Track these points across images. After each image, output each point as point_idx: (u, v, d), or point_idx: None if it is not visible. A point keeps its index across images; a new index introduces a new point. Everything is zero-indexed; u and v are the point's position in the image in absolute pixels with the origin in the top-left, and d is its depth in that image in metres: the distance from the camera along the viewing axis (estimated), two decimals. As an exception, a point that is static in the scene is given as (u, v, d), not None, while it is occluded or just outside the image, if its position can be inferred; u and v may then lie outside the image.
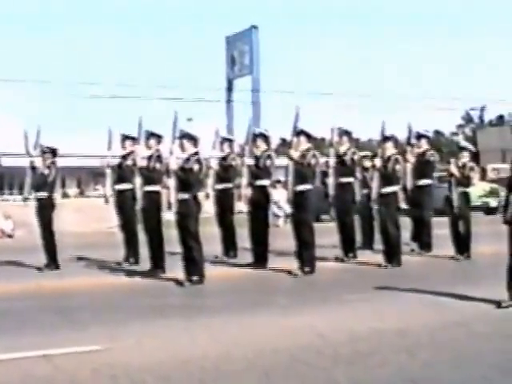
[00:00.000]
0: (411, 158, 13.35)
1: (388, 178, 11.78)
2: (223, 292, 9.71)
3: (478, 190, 25.64)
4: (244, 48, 37.29)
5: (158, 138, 11.51)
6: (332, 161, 12.66)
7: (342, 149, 12.69)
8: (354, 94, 73.61)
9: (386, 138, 12.09)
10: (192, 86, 47.74)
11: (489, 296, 8.09)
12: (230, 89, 38.52)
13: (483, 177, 29.08)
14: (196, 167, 10.03)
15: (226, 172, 13.15)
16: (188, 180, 10.00)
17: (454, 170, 12.59)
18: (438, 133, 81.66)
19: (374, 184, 12.04)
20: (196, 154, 10.23)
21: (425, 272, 11.46)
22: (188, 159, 10.12)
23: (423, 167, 13.44)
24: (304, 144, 11.22)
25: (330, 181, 12.64)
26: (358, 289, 9.47)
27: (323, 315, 7.78)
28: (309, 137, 11.30)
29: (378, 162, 11.95)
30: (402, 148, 13.31)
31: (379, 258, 11.84)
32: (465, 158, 12.78)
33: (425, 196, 13.46)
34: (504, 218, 7.79)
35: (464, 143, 13.99)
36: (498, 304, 7.80)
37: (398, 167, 11.85)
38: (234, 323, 7.43)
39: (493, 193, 26.43)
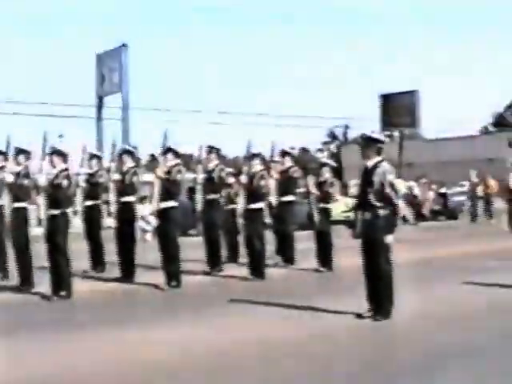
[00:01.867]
0: (275, 175, 13.76)
1: (254, 194, 12.10)
2: (91, 307, 9.79)
3: (340, 205, 26.64)
4: (114, 66, 37.20)
5: (27, 154, 11.47)
6: (200, 177, 12.90)
7: (211, 166, 12.96)
8: (224, 111, 74.06)
9: (253, 155, 12.43)
10: (63, 103, 46.69)
11: (350, 307, 8.44)
12: (100, 106, 38.29)
13: (346, 192, 30.14)
14: (65, 183, 10.15)
15: (93, 189, 13.30)
16: (57, 196, 10.10)
17: (311, 187, 13.14)
18: (304, 150, 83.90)
19: (240, 200, 12.37)
20: (65, 170, 10.34)
21: (288, 285, 11.79)
22: (57, 175, 10.21)
23: (287, 184, 13.85)
24: (171, 161, 11.47)
25: (198, 197, 12.91)
26: (223, 302, 9.66)
27: (188, 329, 7.93)
28: (176, 154, 11.57)
29: (243, 178, 12.27)
30: (267, 165, 13.67)
31: (244, 272, 12.15)
32: (325, 174, 13.33)
33: (288, 211, 13.87)
34: (353, 233, 8.29)
35: (325, 160, 14.54)
36: (359, 315, 8.17)
37: (263, 183, 12.20)
38: (102, 338, 7.48)
39: (355, 208, 27.29)
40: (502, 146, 45.37)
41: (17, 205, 11.23)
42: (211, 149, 13.04)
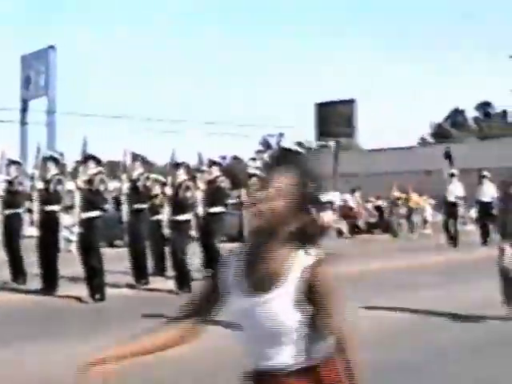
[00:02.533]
0: (201, 185, 13.05)
1: (179, 205, 11.53)
2: (12, 319, 9.32)
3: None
4: (40, 68, 35.77)
5: None
6: (125, 186, 12.46)
7: (135, 174, 12.38)
8: (154, 118, 72.79)
9: (177, 165, 11.86)
10: None
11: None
12: (24, 110, 36.76)
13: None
14: None
15: (13, 197, 12.54)
16: None
17: (244, 198, 12.54)
18: (236, 158, 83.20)
19: (166, 211, 11.94)
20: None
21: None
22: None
23: (215, 194, 13.07)
24: (92, 169, 10.94)
25: (124, 207, 12.51)
26: (147, 316, 9.06)
27: (110, 343, 7.10)
28: (98, 161, 11.09)
29: (168, 189, 11.72)
30: (192, 174, 13.21)
31: (171, 285, 11.65)
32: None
33: (216, 223, 13.03)
34: None
35: (253, 170, 14.04)
36: None
37: (188, 194, 11.53)
38: (20, 352, 7.24)
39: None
40: (440, 157, 45.14)
41: None
42: (136, 156, 12.58)
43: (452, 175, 20.78)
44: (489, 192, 19.89)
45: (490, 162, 36.46)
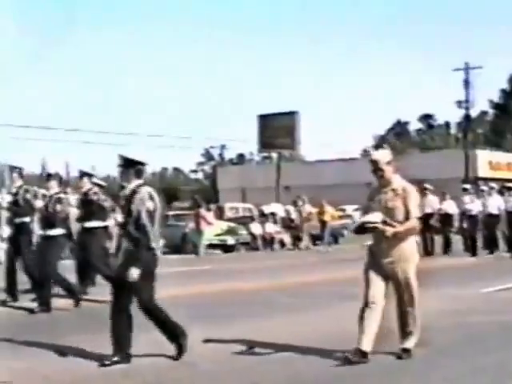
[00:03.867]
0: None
1: (50, 218, 10.74)
2: None
3: (215, 228, 25.59)
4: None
5: None
6: (6, 200, 12.11)
7: (15, 187, 11.58)
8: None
9: (49, 176, 11.25)
10: None
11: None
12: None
13: (221, 215, 29.13)
14: None
15: None
16: None
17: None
18: (176, 170, 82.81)
19: (35, 225, 11.23)
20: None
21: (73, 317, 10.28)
22: None
23: (88, 207, 12.03)
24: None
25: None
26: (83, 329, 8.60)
27: (44, 358, 7.18)
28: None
29: (38, 202, 11.05)
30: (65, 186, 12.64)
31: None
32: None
33: (92, 239, 11.94)
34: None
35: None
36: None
37: (59, 207, 10.75)
38: None
39: (231, 231, 26.45)
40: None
41: None
42: (12, 168, 11.71)
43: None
44: (432, 204, 20.07)
45: (432, 173, 36.81)
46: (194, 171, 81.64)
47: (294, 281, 13.83)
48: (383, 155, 6.77)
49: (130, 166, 7.13)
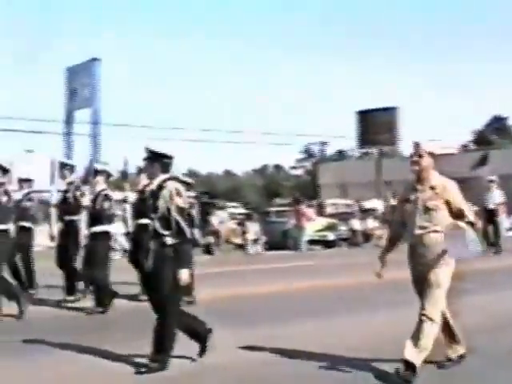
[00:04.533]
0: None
1: (96, 215, 10.34)
2: None
3: (316, 224, 25.96)
4: (85, 80, 36.25)
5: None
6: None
7: (65, 185, 11.41)
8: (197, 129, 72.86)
9: (96, 172, 10.66)
10: (29, 118, 44.70)
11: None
12: (69, 121, 37.25)
13: (322, 212, 29.45)
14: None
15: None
16: None
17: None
18: (277, 167, 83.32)
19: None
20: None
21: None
22: None
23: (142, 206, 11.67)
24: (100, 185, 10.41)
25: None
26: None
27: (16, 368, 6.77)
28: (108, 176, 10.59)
29: (86, 200, 10.81)
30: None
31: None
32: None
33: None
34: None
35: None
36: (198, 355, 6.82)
37: (106, 204, 10.37)
38: None
39: (331, 227, 26.75)
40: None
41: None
42: (66, 165, 11.61)
43: (491, 181, 20.52)
44: (496, 199, 20.09)
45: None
46: (294, 168, 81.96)
47: (396, 276, 13.67)
48: (428, 143, 6.13)
49: (156, 159, 6.60)
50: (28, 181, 12.15)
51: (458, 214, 6.00)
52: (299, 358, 6.80)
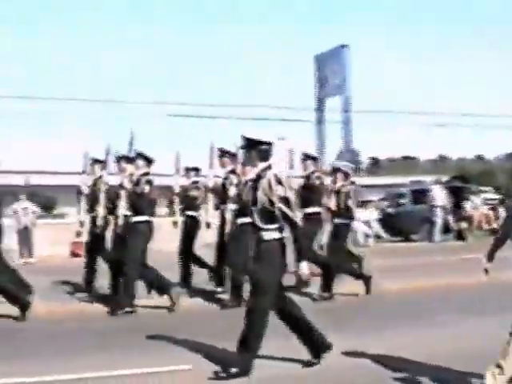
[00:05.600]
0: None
1: (136, 201, 9.78)
2: None
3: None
4: (334, 67, 36.55)
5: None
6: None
7: (93, 179, 11.27)
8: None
9: (137, 155, 9.92)
10: (278, 106, 45.39)
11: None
12: (320, 108, 37.75)
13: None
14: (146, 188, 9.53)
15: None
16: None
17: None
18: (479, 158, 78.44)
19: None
20: (146, 174, 9.64)
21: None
22: (138, 180, 9.58)
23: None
24: (141, 168, 9.80)
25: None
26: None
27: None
28: (149, 161, 9.82)
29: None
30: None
31: None
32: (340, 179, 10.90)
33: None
34: None
35: (336, 163, 12.07)
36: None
37: (147, 188, 9.74)
38: None
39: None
40: None
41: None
42: (98, 162, 11.17)
43: None
44: None
45: None
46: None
47: None
48: None
49: (253, 147, 6.15)
50: (195, 170, 12.05)
51: None
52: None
